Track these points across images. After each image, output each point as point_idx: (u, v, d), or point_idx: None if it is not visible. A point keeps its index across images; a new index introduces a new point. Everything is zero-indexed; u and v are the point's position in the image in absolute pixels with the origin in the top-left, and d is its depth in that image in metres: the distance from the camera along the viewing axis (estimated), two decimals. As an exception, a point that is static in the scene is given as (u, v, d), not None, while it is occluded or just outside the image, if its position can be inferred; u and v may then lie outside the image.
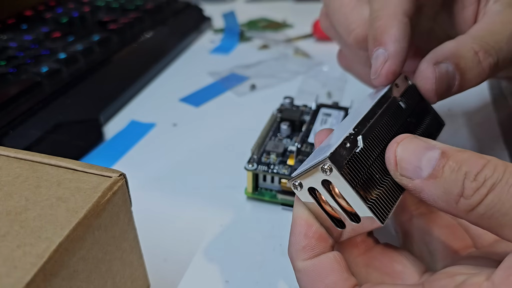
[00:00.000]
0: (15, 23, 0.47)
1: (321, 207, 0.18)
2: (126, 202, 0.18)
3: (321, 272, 0.18)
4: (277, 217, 0.28)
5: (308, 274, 0.18)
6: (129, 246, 0.19)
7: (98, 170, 0.18)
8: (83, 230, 0.16)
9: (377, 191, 0.17)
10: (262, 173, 0.28)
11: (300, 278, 0.18)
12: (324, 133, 0.21)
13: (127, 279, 0.20)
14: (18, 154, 0.19)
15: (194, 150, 0.35)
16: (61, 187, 0.17)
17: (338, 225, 0.18)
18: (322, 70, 0.47)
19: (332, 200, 0.18)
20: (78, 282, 0.16)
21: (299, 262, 0.18)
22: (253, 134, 0.31)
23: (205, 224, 0.27)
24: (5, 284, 0.13)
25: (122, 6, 0.55)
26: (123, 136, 0.36)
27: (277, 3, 0.71)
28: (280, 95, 0.36)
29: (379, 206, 0.17)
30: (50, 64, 0.39)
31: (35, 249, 0.14)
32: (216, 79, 0.46)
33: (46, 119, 0.34)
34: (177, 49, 0.51)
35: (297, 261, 0.18)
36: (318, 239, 0.18)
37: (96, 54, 0.43)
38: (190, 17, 0.58)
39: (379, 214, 0.17)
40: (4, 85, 0.35)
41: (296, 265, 0.18)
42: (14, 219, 0.15)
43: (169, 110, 0.40)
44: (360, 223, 0.17)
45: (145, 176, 0.32)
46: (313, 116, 0.32)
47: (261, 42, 0.54)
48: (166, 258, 0.25)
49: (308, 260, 0.18)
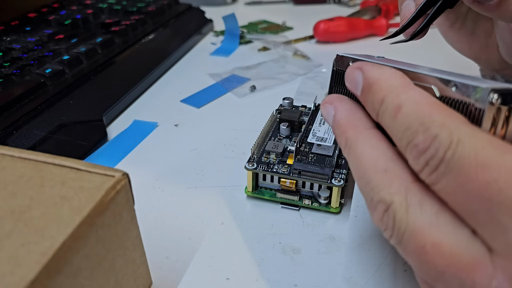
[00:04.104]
0: (19, 24, 0.47)
1: None
2: (129, 201, 0.19)
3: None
4: (277, 215, 0.28)
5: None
6: (131, 244, 0.20)
7: (101, 169, 0.18)
8: (87, 229, 0.16)
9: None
10: (262, 172, 0.28)
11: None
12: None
13: (129, 276, 0.20)
14: (22, 154, 0.19)
15: (196, 150, 0.35)
16: (65, 186, 0.17)
17: None
18: (321, 72, 0.47)
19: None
20: (82, 279, 0.16)
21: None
22: (253, 135, 0.31)
23: (206, 222, 0.28)
24: (9, 281, 0.13)
25: (124, 8, 0.55)
26: (126, 136, 0.37)
27: (276, 5, 0.72)
28: (279, 96, 0.36)
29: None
30: (53, 66, 0.39)
31: (39, 247, 0.14)
32: (217, 80, 0.46)
33: (49, 120, 0.34)
34: (178, 51, 0.51)
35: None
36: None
37: (99, 55, 0.44)
38: (192, 19, 0.59)
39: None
40: (8, 86, 0.35)
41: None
42: (18, 218, 0.16)
43: (170, 111, 0.41)
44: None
45: (148, 175, 0.32)
46: (312, 116, 0.32)
47: (261, 44, 0.55)
48: (168, 256, 0.25)
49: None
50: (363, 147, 0.18)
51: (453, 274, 0.15)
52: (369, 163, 0.18)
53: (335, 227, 0.27)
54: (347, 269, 0.24)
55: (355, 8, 0.69)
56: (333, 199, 0.27)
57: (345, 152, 0.20)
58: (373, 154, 0.18)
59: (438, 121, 0.16)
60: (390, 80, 0.18)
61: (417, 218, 0.16)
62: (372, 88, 0.19)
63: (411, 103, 0.17)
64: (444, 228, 0.16)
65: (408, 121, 0.16)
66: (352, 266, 0.24)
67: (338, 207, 0.27)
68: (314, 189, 0.28)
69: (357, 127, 0.19)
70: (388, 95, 0.18)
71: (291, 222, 0.28)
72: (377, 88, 0.18)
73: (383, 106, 0.18)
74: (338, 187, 0.26)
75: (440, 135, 0.15)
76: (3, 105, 0.33)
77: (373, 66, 0.19)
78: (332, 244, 0.26)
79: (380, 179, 0.17)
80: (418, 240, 0.16)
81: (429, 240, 0.16)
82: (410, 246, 0.16)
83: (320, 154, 0.28)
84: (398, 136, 0.17)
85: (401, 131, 0.17)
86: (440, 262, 0.16)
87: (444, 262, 0.15)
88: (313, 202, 0.28)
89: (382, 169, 0.18)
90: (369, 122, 0.19)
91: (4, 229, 0.15)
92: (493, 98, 0.16)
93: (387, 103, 0.18)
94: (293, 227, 0.27)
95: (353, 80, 0.20)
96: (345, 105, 0.20)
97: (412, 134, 0.16)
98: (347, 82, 0.20)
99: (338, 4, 0.73)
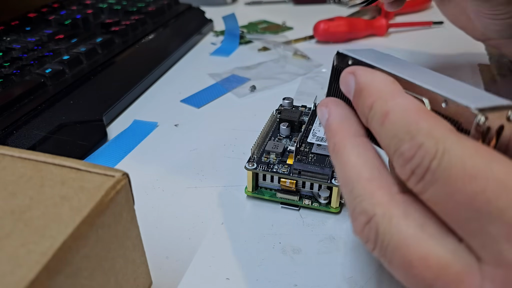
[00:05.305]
0: (19, 24, 0.47)
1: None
2: (129, 201, 0.19)
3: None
4: (277, 215, 0.28)
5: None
6: (131, 244, 0.20)
7: (101, 169, 0.18)
8: (87, 229, 0.16)
9: None
10: (262, 172, 0.28)
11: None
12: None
13: (129, 276, 0.20)
14: (22, 154, 0.19)
15: (196, 150, 0.35)
16: (65, 186, 0.17)
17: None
18: (321, 72, 0.47)
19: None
20: (82, 279, 0.16)
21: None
22: (253, 135, 0.31)
23: (206, 222, 0.28)
24: (9, 281, 0.13)
25: (124, 8, 0.55)
26: (126, 136, 0.37)
27: (276, 5, 0.72)
28: (279, 96, 0.36)
29: None
30: (53, 65, 0.39)
31: (39, 247, 0.14)
32: (217, 80, 0.46)
33: (49, 120, 0.34)
34: (178, 51, 0.51)
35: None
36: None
37: (99, 55, 0.44)
38: (192, 19, 0.59)
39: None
40: (8, 86, 0.35)
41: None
42: (18, 218, 0.16)
43: (170, 111, 0.41)
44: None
45: (147, 175, 0.32)
46: (312, 116, 0.32)
47: (261, 44, 0.55)
48: (168, 256, 0.25)
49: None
50: (349, 154, 0.18)
51: (442, 286, 0.15)
52: (353, 171, 0.18)
53: (335, 227, 0.27)
54: (347, 269, 0.24)
55: (355, 8, 0.69)
56: (333, 199, 0.27)
57: (332, 157, 0.19)
58: (358, 162, 0.18)
59: (424, 130, 0.15)
60: (380, 86, 0.18)
61: (402, 230, 0.16)
62: (362, 93, 0.18)
63: (398, 111, 0.17)
64: (431, 240, 0.15)
65: (394, 129, 0.16)
66: (352, 266, 0.24)
67: (338, 207, 0.27)
68: (314, 189, 0.28)
69: (347, 133, 0.19)
70: (376, 101, 0.18)
71: (291, 222, 0.28)
72: (366, 94, 0.18)
73: (372, 112, 0.18)
74: (338, 187, 0.26)
75: (426, 143, 0.15)
76: (3, 105, 0.33)
77: (365, 71, 0.19)
78: (332, 244, 0.26)
79: (363, 189, 0.17)
80: (404, 254, 0.16)
81: (415, 253, 0.15)
82: (395, 260, 0.16)
83: (320, 154, 0.28)
84: (386, 143, 0.17)
85: (388, 138, 0.17)
86: (428, 275, 0.15)
87: (432, 275, 0.15)
88: (313, 202, 0.28)
89: (366, 178, 0.17)
90: (360, 129, 0.19)
91: (4, 229, 0.15)
92: (481, 120, 0.16)
93: (376, 109, 0.18)
94: (293, 227, 0.27)
95: (346, 84, 0.20)
96: (339, 109, 0.20)
97: (399, 142, 0.16)
98: (341, 85, 0.20)
99: (338, 4, 0.73)
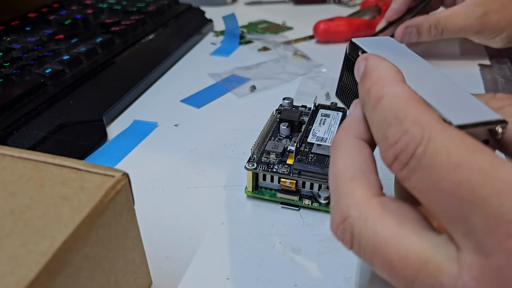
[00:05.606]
0: (19, 25, 0.47)
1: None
2: (129, 201, 0.19)
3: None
4: (277, 215, 0.28)
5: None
6: (131, 244, 0.20)
7: (101, 169, 0.18)
8: (87, 229, 0.16)
9: None
10: (262, 172, 0.28)
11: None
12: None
13: (129, 276, 0.20)
14: (22, 154, 0.19)
15: (196, 150, 0.35)
16: (65, 186, 0.17)
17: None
18: (321, 72, 0.47)
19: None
20: (82, 279, 0.16)
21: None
22: (253, 135, 0.31)
23: (206, 222, 0.28)
24: (9, 281, 0.13)
25: (124, 8, 0.55)
26: (126, 135, 0.37)
27: (276, 5, 0.72)
28: (279, 96, 0.36)
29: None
30: (53, 65, 0.39)
31: (39, 247, 0.14)
32: (217, 80, 0.46)
33: (49, 120, 0.34)
34: (178, 51, 0.51)
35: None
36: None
37: (99, 55, 0.44)
38: (192, 19, 0.59)
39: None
40: (8, 86, 0.35)
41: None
42: (18, 218, 0.16)
43: (170, 111, 0.41)
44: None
45: (148, 175, 0.32)
46: (312, 116, 0.32)
47: (261, 44, 0.55)
48: (168, 256, 0.25)
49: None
50: (342, 152, 0.19)
51: (423, 281, 0.15)
52: (341, 169, 0.18)
53: (335, 227, 0.27)
54: (347, 269, 0.24)
55: (355, 8, 0.69)
56: (333, 199, 0.27)
57: (331, 151, 0.20)
58: (347, 161, 0.18)
59: (411, 116, 0.16)
60: (382, 72, 0.18)
61: (378, 231, 0.16)
62: (365, 77, 0.19)
63: (391, 96, 0.17)
64: (408, 238, 0.16)
65: (384, 113, 0.17)
66: (352, 266, 0.24)
67: (338, 207, 0.27)
68: (314, 189, 0.28)
69: (348, 132, 0.19)
70: (374, 86, 0.18)
71: (291, 222, 0.28)
72: (368, 78, 0.19)
73: (368, 96, 0.18)
74: (338, 187, 0.26)
75: (411, 130, 0.15)
76: (3, 105, 0.33)
77: (375, 58, 0.19)
78: (332, 244, 0.26)
79: (344, 187, 0.18)
80: (384, 255, 0.16)
81: (395, 253, 0.16)
82: (376, 262, 0.16)
83: (320, 154, 0.28)
84: (375, 128, 0.17)
85: (378, 123, 0.17)
86: (409, 273, 0.15)
87: (412, 272, 0.15)
88: (313, 202, 0.28)
89: (349, 177, 0.18)
90: (364, 133, 0.19)
91: (4, 229, 0.15)
92: None
93: (371, 94, 0.18)
94: (293, 227, 0.27)
95: (357, 69, 0.20)
96: (356, 110, 0.20)
97: (386, 127, 0.16)
98: (354, 69, 0.21)
99: (338, 4, 0.73)
